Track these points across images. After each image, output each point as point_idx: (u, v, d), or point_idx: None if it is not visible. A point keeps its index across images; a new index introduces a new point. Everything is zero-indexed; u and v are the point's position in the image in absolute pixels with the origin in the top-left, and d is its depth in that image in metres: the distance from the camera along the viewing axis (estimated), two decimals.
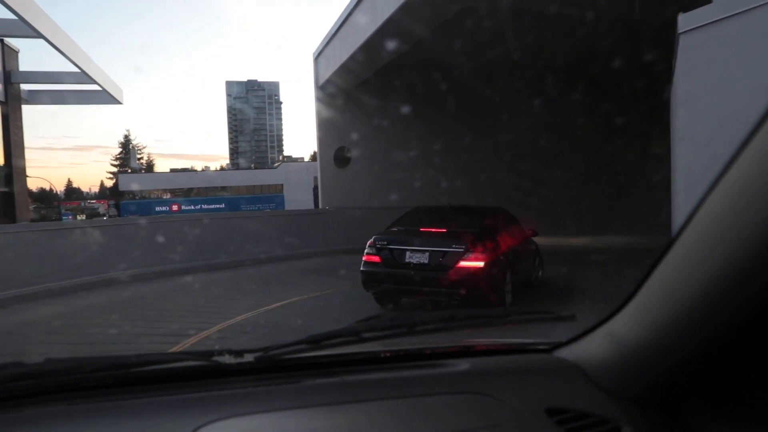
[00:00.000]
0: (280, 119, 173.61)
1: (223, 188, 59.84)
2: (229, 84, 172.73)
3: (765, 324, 0.94)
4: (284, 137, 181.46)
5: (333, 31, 17.03)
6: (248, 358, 1.39)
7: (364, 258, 8.06)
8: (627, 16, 13.39)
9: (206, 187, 60.29)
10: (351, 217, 16.99)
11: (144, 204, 45.79)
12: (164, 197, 55.87)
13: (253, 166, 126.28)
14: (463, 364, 1.48)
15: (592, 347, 1.40)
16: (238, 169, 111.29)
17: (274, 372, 1.41)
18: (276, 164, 75.14)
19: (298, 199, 43.32)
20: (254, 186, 57.96)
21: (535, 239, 10.10)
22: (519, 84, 18.31)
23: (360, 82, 17.51)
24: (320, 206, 19.63)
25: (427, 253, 7.53)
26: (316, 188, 35.35)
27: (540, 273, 10.07)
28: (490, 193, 16.99)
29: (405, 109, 17.16)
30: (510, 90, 18.41)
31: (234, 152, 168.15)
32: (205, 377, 1.38)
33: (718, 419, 1.15)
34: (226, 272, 13.00)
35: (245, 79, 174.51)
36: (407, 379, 1.44)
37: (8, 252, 10.14)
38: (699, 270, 0.96)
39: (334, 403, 1.29)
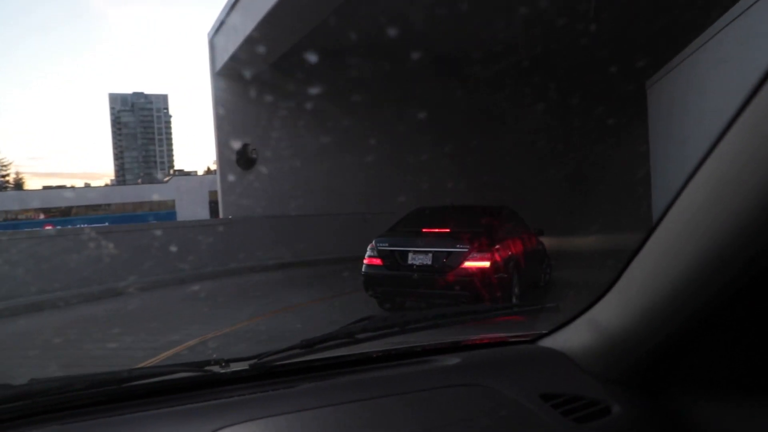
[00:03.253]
0: (169, 132, 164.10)
1: (108, 206, 54.61)
2: (113, 97, 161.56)
3: (739, 307, 0.98)
4: (175, 151, 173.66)
5: (230, 5, 14.22)
6: (242, 365, 1.37)
7: (365, 261, 7.79)
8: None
9: (88, 206, 54.73)
10: (260, 227, 14.13)
11: (12, 226, 40.76)
12: (38, 218, 49.88)
13: (140, 181, 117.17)
14: (453, 359, 1.50)
15: (576, 335, 1.43)
16: (124, 184, 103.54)
17: (269, 378, 1.38)
18: (167, 178, 69.54)
19: (193, 214, 41.04)
20: (143, 202, 53.08)
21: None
22: (452, 83, 16.51)
23: (267, 66, 14.60)
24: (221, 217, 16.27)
25: (431, 254, 7.29)
26: (213, 202, 31.65)
27: (548, 273, 9.74)
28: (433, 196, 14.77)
29: (321, 100, 14.59)
30: (450, 84, 16.50)
31: (120, 169, 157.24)
32: (200, 388, 1.32)
33: (694, 396, 1.18)
34: (80, 308, 9.60)
35: (131, 92, 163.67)
36: (401, 376, 1.43)
37: None
38: (678, 259, 0.97)
39: (330, 404, 1.26)
